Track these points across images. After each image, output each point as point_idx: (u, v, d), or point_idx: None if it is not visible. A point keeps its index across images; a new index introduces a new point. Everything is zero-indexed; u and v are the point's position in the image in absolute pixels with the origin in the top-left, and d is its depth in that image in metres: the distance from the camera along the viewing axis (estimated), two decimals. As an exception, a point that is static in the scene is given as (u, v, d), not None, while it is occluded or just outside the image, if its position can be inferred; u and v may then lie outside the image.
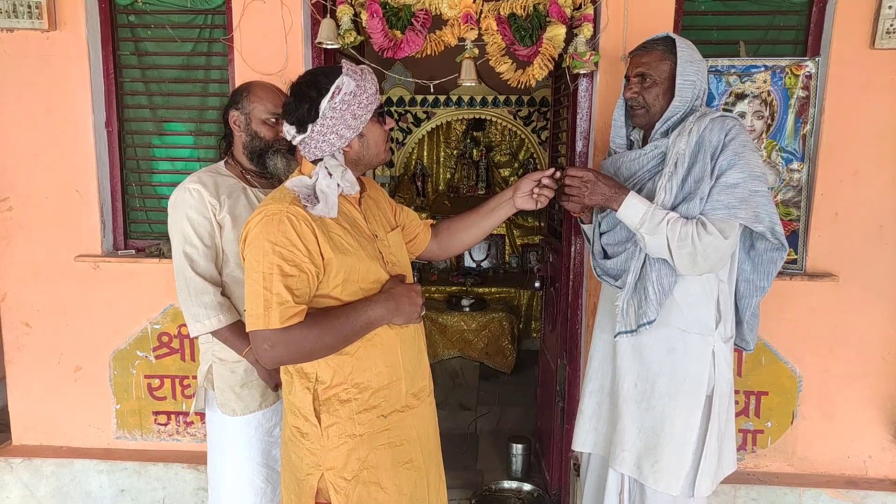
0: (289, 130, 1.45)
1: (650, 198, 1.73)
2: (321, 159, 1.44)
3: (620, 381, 1.87)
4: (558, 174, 1.76)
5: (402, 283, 1.52)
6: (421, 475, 1.56)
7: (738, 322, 1.92)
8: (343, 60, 1.44)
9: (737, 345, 1.94)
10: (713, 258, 1.67)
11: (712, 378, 1.78)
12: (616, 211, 1.73)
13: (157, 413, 2.76)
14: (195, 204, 1.77)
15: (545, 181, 1.75)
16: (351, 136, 1.43)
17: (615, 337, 1.82)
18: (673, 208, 1.70)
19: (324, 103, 1.38)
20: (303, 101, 1.40)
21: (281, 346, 1.35)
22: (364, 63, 2.85)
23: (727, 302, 1.82)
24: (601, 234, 1.91)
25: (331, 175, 1.42)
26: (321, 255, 1.38)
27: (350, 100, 1.40)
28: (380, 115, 1.49)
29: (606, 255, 1.90)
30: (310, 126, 1.40)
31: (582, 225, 2.00)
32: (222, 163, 1.93)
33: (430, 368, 1.72)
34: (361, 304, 1.43)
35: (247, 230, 1.42)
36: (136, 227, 2.82)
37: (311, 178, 1.43)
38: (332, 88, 1.39)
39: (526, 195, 1.73)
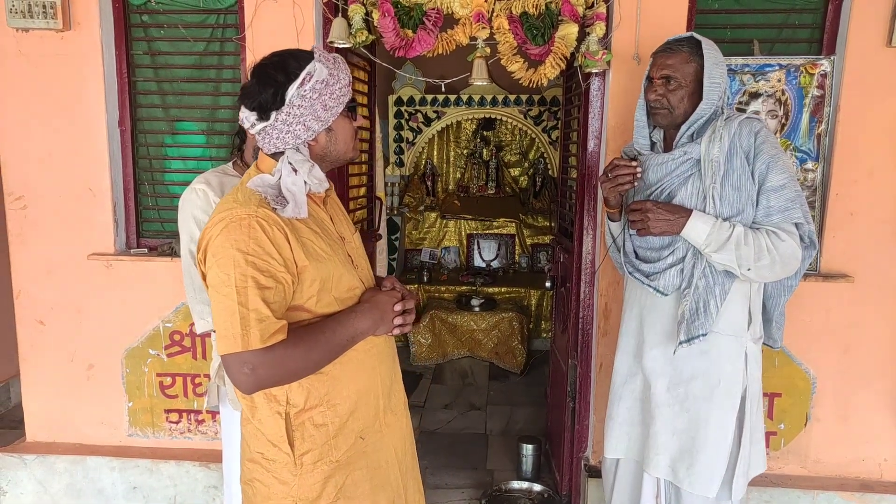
0: (247, 117, 1.28)
1: (683, 204, 1.74)
2: (282, 153, 1.30)
3: (652, 386, 1.86)
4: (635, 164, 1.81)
5: (381, 292, 1.41)
6: (399, 493, 1.47)
7: (767, 321, 1.92)
8: (314, 46, 1.32)
9: (764, 343, 1.93)
10: (792, 264, 1.70)
11: (745, 379, 1.79)
12: (678, 233, 1.72)
13: (168, 411, 2.78)
14: (201, 204, 1.82)
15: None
16: (319, 128, 1.29)
17: (674, 352, 1.79)
18: (725, 218, 1.70)
19: (291, 90, 1.24)
20: (267, 84, 1.25)
21: (264, 369, 1.20)
22: (375, 61, 2.85)
23: (756, 302, 1.83)
24: (631, 234, 1.89)
25: (296, 171, 1.27)
26: (295, 262, 1.24)
27: (322, 88, 1.26)
28: (350, 109, 1.36)
29: (638, 256, 1.89)
30: (273, 114, 1.25)
31: (609, 222, 1.97)
32: (230, 164, 1.97)
33: (440, 368, 1.67)
34: (346, 317, 1.32)
35: (206, 238, 1.25)
36: (149, 226, 2.83)
37: (272, 175, 1.28)
38: (303, 74, 1.25)
39: None
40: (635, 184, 1.81)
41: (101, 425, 2.80)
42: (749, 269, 1.67)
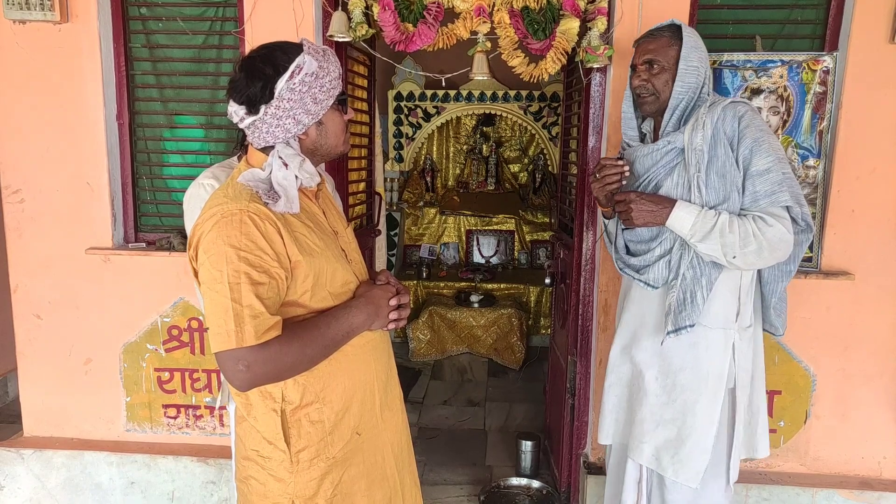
0: (236, 111, 1.28)
1: (669, 194, 1.73)
2: (271, 147, 1.29)
3: (641, 375, 1.87)
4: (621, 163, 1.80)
5: (376, 286, 1.40)
6: (396, 489, 1.47)
7: (765, 308, 1.91)
8: (303, 39, 1.32)
9: (765, 330, 1.93)
10: (781, 249, 1.66)
11: (733, 371, 1.79)
12: (664, 224, 1.72)
13: (166, 406, 2.77)
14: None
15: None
16: (309, 122, 1.28)
17: (662, 343, 1.79)
18: (710, 207, 1.68)
19: (281, 83, 1.23)
20: (256, 78, 1.24)
21: (259, 366, 1.19)
22: (375, 55, 2.84)
23: (748, 290, 1.81)
24: (623, 229, 1.89)
25: (286, 165, 1.26)
26: (288, 257, 1.23)
27: (311, 81, 1.25)
28: (341, 102, 1.34)
29: (629, 251, 1.88)
30: (262, 107, 1.24)
31: (604, 220, 1.98)
32: (235, 157, 1.95)
33: (439, 364, 1.67)
34: (341, 312, 1.31)
35: (198, 234, 1.24)
36: (147, 220, 2.82)
37: (262, 170, 1.28)
38: (292, 67, 1.24)
39: None
40: (623, 182, 1.81)
41: (98, 420, 2.79)
42: (735, 257, 1.65)
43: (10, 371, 3.73)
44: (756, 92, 2.38)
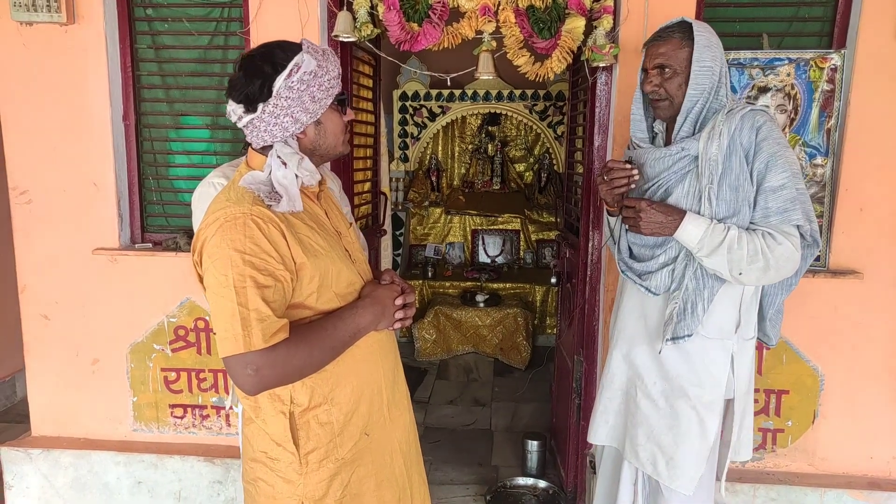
0: (234, 110, 1.28)
1: (678, 203, 1.70)
2: (270, 147, 1.29)
3: (638, 379, 1.85)
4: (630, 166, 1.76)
5: (381, 286, 1.41)
6: (404, 488, 1.47)
7: (762, 318, 1.89)
8: (303, 39, 1.32)
9: (759, 339, 1.91)
10: (787, 268, 1.65)
11: (731, 382, 1.77)
12: (672, 235, 1.69)
13: (173, 406, 2.78)
14: None
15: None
16: (307, 120, 1.28)
17: (660, 351, 1.78)
18: (720, 219, 1.66)
19: (279, 81, 1.23)
20: (254, 76, 1.24)
21: (268, 369, 1.19)
22: (380, 55, 2.84)
23: (750, 302, 1.79)
24: (626, 230, 1.86)
25: (285, 164, 1.26)
26: (293, 259, 1.23)
27: (310, 80, 1.25)
28: (340, 102, 1.35)
29: (632, 254, 1.86)
30: (260, 105, 1.24)
31: (609, 216, 1.95)
32: (244, 158, 1.95)
33: (445, 364, 1.66)
34: (348, 313, 1.31)
35: (202, 240, 1.24)
36: (153, 221, 2.82)
37: (262, 171, 1.28)
38: (291, 65, 1.24)
39: None
40: (632, 186, 1.77)
41: (105, 420, 2.80)
42: (741, 273, 1.63)
43: (18, 371, 3.75)
44: (763, 90, 2.37)
